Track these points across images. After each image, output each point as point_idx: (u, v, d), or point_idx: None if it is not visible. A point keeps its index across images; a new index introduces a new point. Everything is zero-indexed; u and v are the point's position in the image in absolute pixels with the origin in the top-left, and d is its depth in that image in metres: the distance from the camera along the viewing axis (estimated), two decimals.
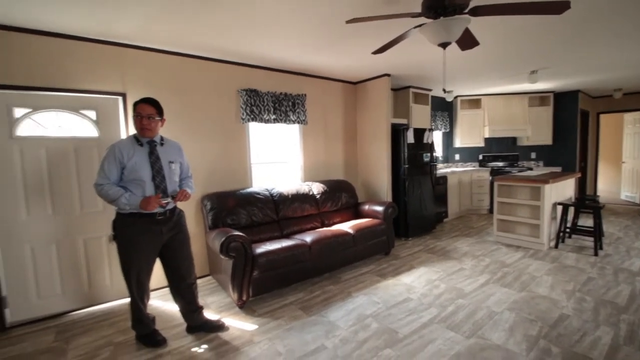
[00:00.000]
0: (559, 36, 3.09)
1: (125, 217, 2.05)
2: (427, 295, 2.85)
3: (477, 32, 2.74)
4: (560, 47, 3.44)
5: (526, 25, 2.79)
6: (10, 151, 2.48)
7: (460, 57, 3.58)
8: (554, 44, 3.35)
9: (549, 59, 3.93)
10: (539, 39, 3.18)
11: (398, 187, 4.61)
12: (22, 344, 2.33)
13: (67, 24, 2.45)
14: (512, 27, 2.81)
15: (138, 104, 2.11)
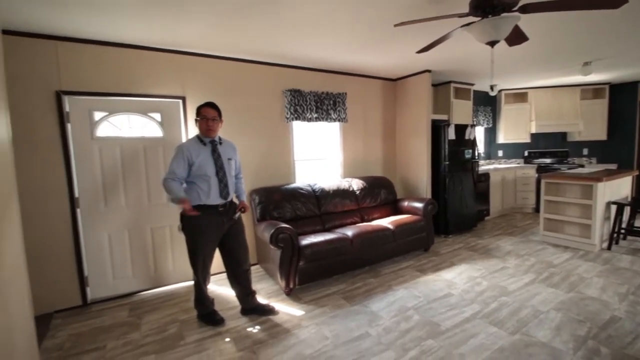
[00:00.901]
0: (616, 25, 2.93)
1: (195, 208, 2.29)
2: (469, 291, 2.87)
3: (525, 26, 2.68)
4: (617, 36, 3.24)
5: (580, 16, 2.68)
6: (92, 150, 2.85)
7: (506, 50, 3.49)
8: (610, 34, 3.16)
9: (604, 50, 3.71)
10: (594, 29, 3.02)
11: (438, 184, 4.59)
12: (102, 318, 2.70)
13: (136, 36, 2.76)
14: (564, 18, 2.71)
15: (202, 107, 2.36)
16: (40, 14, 2.25)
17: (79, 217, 2.83)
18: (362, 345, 2.17)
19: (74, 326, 2.57)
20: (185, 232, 2.36)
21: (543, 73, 4.84)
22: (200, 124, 2.36)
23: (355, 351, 2.10)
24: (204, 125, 2.35)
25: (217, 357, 2.10)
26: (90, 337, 2.41)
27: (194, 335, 2.37)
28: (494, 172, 5.56)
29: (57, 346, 2.31)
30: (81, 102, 2.78)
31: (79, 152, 2.79)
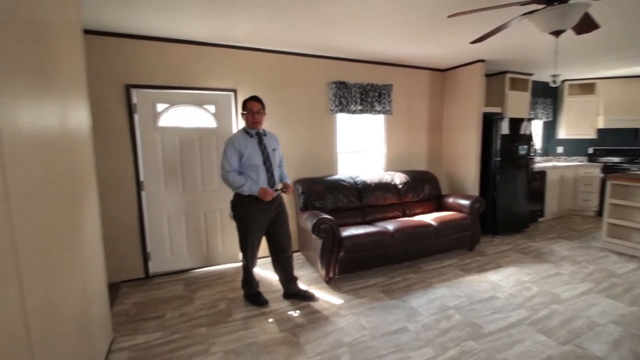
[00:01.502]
0: None
1: (244, 198, 2.46)
2: (516, 296, 2.75)
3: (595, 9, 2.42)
4: None
5: None
6: (155, 138, 3.13)
7: (573, 37, 3.17)
8: None
9: None
10: None
11: (487, 181, 4.37)
12: (161, 290, 3.00)
13: (193, 33, 2.94)
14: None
15: (248, 101, 2.49)
16: (113, 14, 2.50)
17: (144, 199, 3.14)
18: (400, 339, 2.19)
19: (138, 295, 2.90)
20: (237, 219, 2.53)
21: (615, 62, 4.34)
22: (247, 117, 2.49)
23: (394, 344, 2.14)
24: (250, 118, 2.48)
25: (261, 335, 2.26)
26: (152, 306, 2.71)
27: (241, 313, 2.55)
28: (551, 170, 5.15)
29: (124, 312, 2.63)
30: (146, 94, 3.05)
31: (144, 140, 3.09)
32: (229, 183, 2.44)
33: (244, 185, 2.42)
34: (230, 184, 2.45)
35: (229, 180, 2.43)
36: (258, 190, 2.44)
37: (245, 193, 2.44)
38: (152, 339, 2.26)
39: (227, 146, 2.48)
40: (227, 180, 2.44)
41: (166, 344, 2.20)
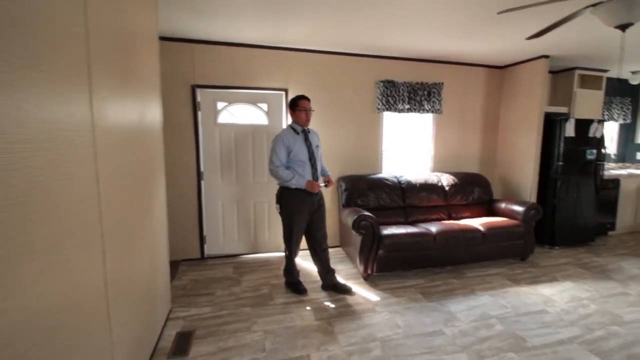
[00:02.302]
0: None
1: (290, 192, 2.63)
2: (570, 312, 2.55)
3: None
4: None
5: None
6: (214, 134, 3.44)
7: None
8: None
9: None
10: None
11: (546, 187, 4.05)
12: (214, 271, 3.31)
13: (251, 37, 3.18)
14: None
15: (300, 100, 2.63)
16: (183, 22, 2.80)
17: (202, 187, 3.48)
18: (435, 341, 2.18)
19: (194, 273, 3.24)
20: (283, 211, 2.70)
21: None
22: (299, 114, 2.63)
23: (427, 345, 2.14)
24: (303, 116, 2.63)
25: (298, 321, 2.41)
26: (205, 284, 3.01)
27: (281, 299, 2.73)
28: (626, 179, 4.58)
29: (182, 287, 2.96)
30: (208, 94, 3.37)
31: (205, 135, 3.42)
32: (278, 177, 2.62)
33: (292, 178, 2.58)
34: (279, 178, 2.62)
35: (278, 174, 2.60)
36: (305, 183, 2.58)
37: (292, 186, 2.59)
38: (203, 312, 2.53)
39: (276, 142, 2.65)
40: (277, 174, 2.61)
41: (215, 318, 2.46)
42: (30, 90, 0.87)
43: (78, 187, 1.15)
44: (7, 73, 0.79)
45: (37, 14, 0.92)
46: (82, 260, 1.18)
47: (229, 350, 2.09)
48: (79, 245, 1.15)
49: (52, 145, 0.97)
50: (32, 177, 0.87)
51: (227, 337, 2.22)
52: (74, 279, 1.11)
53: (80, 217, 1.16)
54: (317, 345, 2.13)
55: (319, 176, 2.74)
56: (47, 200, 0.95)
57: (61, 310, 1.02)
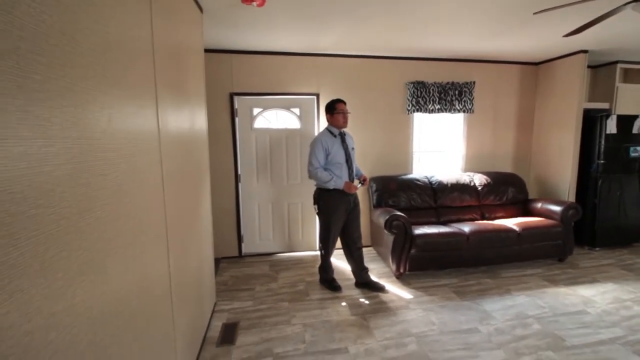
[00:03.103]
0: None
1: (328, 193, 2.75)
2: (612, 313, 2.48)
3: None
4: None
5: None
6: (250, 138, 3.64)
7: None
8: None
9: None
10: None
11: (586, 187, 3.91)
12: (251, 268, 3.50)
13: (284, 45, 3.34)
14: None
15: (338, 103, 2.76)
16: (222, 35, 3.01)
17: (240, 189, 3.69)
18: (470, 338, 2.22)
19: (234, 270, 3.44)
20: (321, 212, 2.83)
21: None
22: (338, 118, 2.75)
23: (462, 342, 2.18)
24: (341, 119, 2.75)
25: (334, 315, 2.52)
26: (244, 280, 3.20)
27: (317, 295, 2.86)
28: None
29: (224, 282, 3.16)
30: (245, 100, 3.58)
31: (242, 140, 3.62)
32: (317, 178, 2.73)
33: (331, 179, 2.70)
34: (318, 179, 2.74)
35: (317, 176, 2.72)
36: (343, 184, 2.70)
37: (331, 187, 2.71)
38: (245, 306, 2.71)
39: (315, 145, 2.76)
40: (315, 175, 2.73)
41: (256, 311, 2.62)
42: (117, 105, 1.04)
43: (149, 189, 1.33)
44: (101, 93, 0.96)
45: (120, 35, 1.10)
46: (154, 255, 1.36)
47: (272, 340, 2.24)
48: (151, 241, 1.33)
49: (131, 153, 1.15)
50: (118, 180, 1.04)
51: (268, 328, 2.38)
52: (148, 270, 1.29)
53: (151, 216, 1.34)
54: (353, 339, 2.23)
55: (354, 177, 2.84)
56: (129, 201, 1.12)
57: (138, 298, 1.19)
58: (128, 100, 1.13)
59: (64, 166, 0.76)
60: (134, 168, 1.17)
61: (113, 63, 1.01)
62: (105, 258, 0.94)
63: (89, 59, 0.87)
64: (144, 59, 1.29)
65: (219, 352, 2.14)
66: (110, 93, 0.99)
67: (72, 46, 0.80)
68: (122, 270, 1.06)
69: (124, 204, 1.09)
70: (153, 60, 1.38)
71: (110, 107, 0.98)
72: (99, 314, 0.90)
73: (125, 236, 1.09)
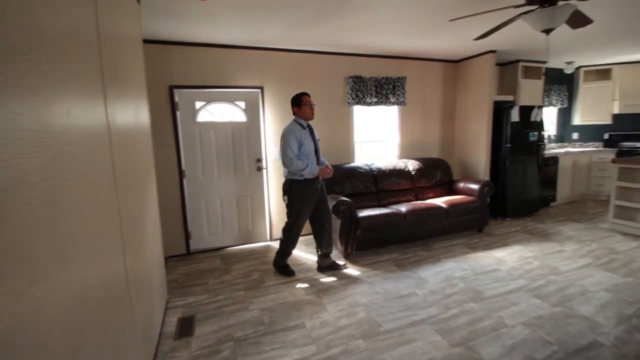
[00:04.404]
0: None
1: (299, 183, 2.85)
2: (518, 269, 3.04)
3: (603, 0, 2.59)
4: None
5: None
6: (194, 132, 3.57)
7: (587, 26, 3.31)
8: None
9: None
10: None
11: (497, 167, 4.60)
12: (202, 263, 3.48)
13: (227, 38, 3.33)
14: None
15: (304, 96, 2.88)
16: (160, 25, 2.91)
17: (185, 185, 3.60)
18: (409, 301, 2.55)
19: (183, 268, 3.38)
20: (292, 202, 2.91)
21: (631, 47, 4.40)
22: (305, 110, 2.87)
23: (403, 305, 2.50)
24: (309, 110, 2.87)
25: (290, 297, 2.68)
26: (196, 275, 3.18)
27: (272, 281, 2.98)
28: (564, 156, 5.28)
29: (174, 280, 3.11)
30: (186, 94, 3.49)
31: (185, 134, 3.53)
32: (294, 167, 2.78)
33: (307, 167, 2.79)
34: (294, 168, 2.78)
35: (293, 165, 2.77)
36: (317, 171, 2.83)
37: (306, 175, 2.80)
38: (200, 299, 2.72)
39: (288, 137, 2.81)
40: (291, 165, 2.77)
41: (212, 303, 2.66)
42: (74, 100, 1.05)
43: (105, 183, 1.33)
44: (60, 88, 0.98)
45: (71, 28, 1.09)
46: (112, 248, 1.36)
47: (231, 327, 2.32)
48: (109, 234, 1.33)
49: (87, 147, 1.15)
50: (79, 174, 1.05)
51: (227, 317, 2.45)
52: (109, 263, 1.30)
53: (108, 210, 1.34)
54: (309, 315, 2.41)
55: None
56: (89, 194, 1.13)
57: (102, 289, 1.20)
58: (82, 95, 1.12)
59: (36, 159, 0.78)
60: (90, 162, 1.17)
61: (67, 57, 1.01)
62: (71, 249, 0.96)
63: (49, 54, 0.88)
64: (92, 51, 1.27)
65: (177, 345, 2.16)
66: (67, 88, 0.99)
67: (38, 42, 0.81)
68: (87, 261, 1.07)
69: (84, 197, 1.09)
70: (99, 53, 1.36)
71: (69, 102, 0.99)
72: (70, 302, 0.93)
73: (87, 228, 1.10)
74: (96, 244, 1.17)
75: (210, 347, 2.12)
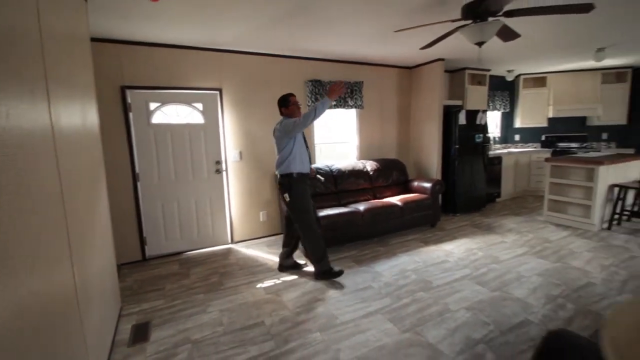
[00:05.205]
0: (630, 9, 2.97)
1: (297, 177, 2.86)
2: (464, 259, 3.29)
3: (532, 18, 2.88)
4: (632, 22, 3.30)
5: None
6: (148, 134, 3.47)
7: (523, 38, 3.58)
8: (623, 20, 3.23)
9: (618, 35, 3.78)
10: (605, 17, 3.10)
11: (448, 167, 4.92)
12: (158, 269, 3.38)
13: (182, 38, 3.29)
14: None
15: (291, 96, 2.94)
16: (109, 24, 2.82)
17: (139, 189, 3.49)
18: (365, 294, 2.68)
19: (138, 274, 3.27)
20: (296, 199, 2.86)
21: (562, 58, 4.93)
22: (293, 109, 2.92)
23: (359, 297, 2.62)
24: (296, 109, 2.92)
25: (250, 298, 2.70)
26: (152, 281, 3.09)
27: (231, 283, 2.98)
28: (507, 156, 5.77)
29: (128, 287, 3.00)
30: (140, 95, 3.39)
31: (139, 136, 3.42)
32: (306, 118, 2.67)
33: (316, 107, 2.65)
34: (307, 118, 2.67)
35: (304, 116, 2.68)
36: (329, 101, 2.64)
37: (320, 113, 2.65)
38: (156, 305, 2.65)
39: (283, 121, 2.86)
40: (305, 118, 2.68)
41: (169, 307, 2.61)
42: (12, 101, 1.03)
43: (49, 187, 1.29)
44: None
45: (10, 25, 1.07)
46: (58, 255, 1.32)
47: (189, 330, 2.29)
48: (54, 240, 1.29)
49: (29, 150, 1.12)
50: (19, 178, 1.02)
51: (184, 320, 2.42)
52: (54, 270, 1.26)
53: (52, 215, 1.30)
54: (269, 313, 2.46)
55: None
56: (31, 198, 1.10)
57: (48, 299, 1.17)
58: (22, 96, 1.10)
59: None
60: (32, 165, 1.14)
61: (5, 56, 0.99)
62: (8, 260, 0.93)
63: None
64: (33, 50, 1.24)
65: (131, 352, 2.10)
66: (4, 89, 0.97)
67: None
68: (30, 270, 1.05)
69: (25, 202, 1.07)
70: (42, 52, 1.33)
71: (6, 103, 0.97)
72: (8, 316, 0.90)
73: (29, 235, 1.07)
74: (40, 252, 1.14)
75: (166, 350, 2.09)
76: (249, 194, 4.07)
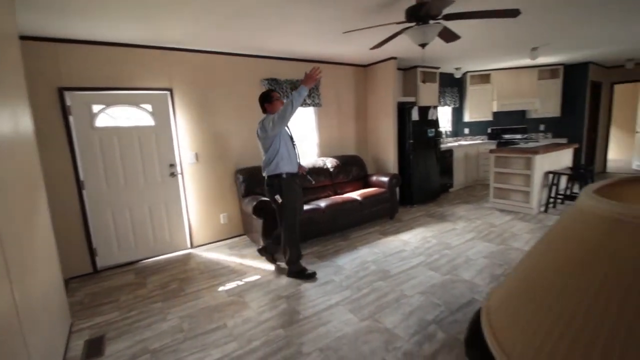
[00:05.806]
0: (558, 16, 3.28)
1: (286, 178, 2.82)
2: (419, 247, 3.49)
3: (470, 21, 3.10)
4: (560, 25, 3.63)
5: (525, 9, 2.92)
6: (93, 139, 3.26)
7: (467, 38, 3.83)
8: (552, 24, 3.56)
9: (549, 37, 4.15)
10: (535, 20, 3.38)
11: (404, 161, 5.15)
12: (112, 280, 3.21)
13: (126, 36, 3.12)
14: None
15: (273, 92, 2.93)
16: (42, 20, 2.61)
17: (85, 197, 3.27)
18: (327, 287, 2.75)
19: (89, 287, 3.08)
20: (287, 197, 2.83)
21: (502, 57, 5.33)
22: (277, 104, 2.87)
23: (322, 291, 2.69)
24: (280, 105, 2.85)
25: (211, 301, 2.66)
26: (105, 294, 2.93)
27: (192, 288, 2.91)
28: (457, 149, 6.15)
29: (78, 302, 2.82)
30: (80, 96, 3.17)
31: (81, 140, 3.21)
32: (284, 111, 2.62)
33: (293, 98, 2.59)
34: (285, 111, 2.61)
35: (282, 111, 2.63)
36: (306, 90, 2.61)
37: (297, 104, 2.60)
38: (110, 318, 2.53)
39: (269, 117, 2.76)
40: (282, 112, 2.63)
41: (124, 319, 2.49)
42: None
43: None
44: None
45: None
46: None
47: (147, 340, 2.22)
48: None
49: None
50: None
51: (142, 330, 2.33)
52: None
53: None
54: (231, 315, 2.44)
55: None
56: None
57: None
58: None
59: None
60: None
61: None
62: None
63: None
64: None
65: None
66: None
67: None
68: None
69: None
70: None
71: None
72: None
73: None
74: None
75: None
76: (208, 196, 3.98)
